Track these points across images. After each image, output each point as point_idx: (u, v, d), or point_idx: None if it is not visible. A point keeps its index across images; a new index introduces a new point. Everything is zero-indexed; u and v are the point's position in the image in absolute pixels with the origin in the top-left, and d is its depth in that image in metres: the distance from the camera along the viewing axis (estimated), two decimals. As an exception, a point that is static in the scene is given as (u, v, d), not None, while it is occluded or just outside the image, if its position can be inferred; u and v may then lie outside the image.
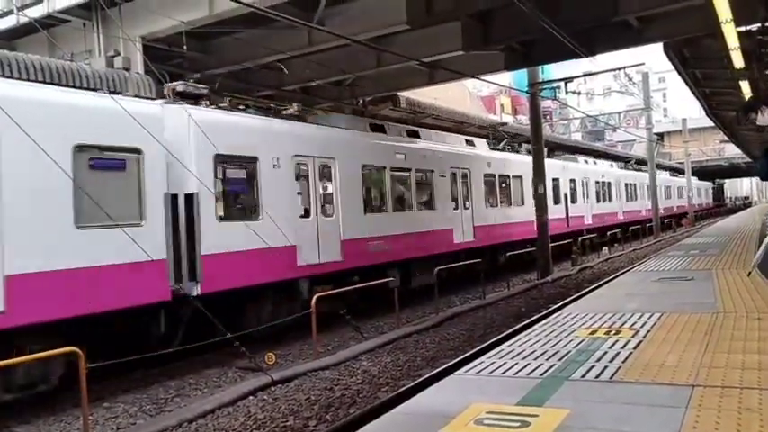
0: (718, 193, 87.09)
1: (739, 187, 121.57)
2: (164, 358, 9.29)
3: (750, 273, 9.86)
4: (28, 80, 8.49)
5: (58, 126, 8.15)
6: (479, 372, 5.09)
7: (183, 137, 9.92)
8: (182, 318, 9.69)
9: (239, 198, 11.37)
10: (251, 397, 8.30)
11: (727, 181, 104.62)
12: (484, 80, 19.95)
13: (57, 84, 8.73)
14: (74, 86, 8.90)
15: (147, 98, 9.72)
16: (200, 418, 7.50)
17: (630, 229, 32.20)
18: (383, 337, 11.53)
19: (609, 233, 29.85)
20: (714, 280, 9.63)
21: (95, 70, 9.45)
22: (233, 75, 16.69)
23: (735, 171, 75.57)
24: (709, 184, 68.32)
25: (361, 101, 21.12)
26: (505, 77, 42.38)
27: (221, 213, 10.53)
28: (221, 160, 10.47)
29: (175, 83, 10.88)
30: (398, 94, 21.70)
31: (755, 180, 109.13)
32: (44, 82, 8.60)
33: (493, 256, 18.88)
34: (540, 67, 21.55)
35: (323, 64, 16.21)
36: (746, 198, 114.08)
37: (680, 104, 78.53)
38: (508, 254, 18.10)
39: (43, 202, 7.94)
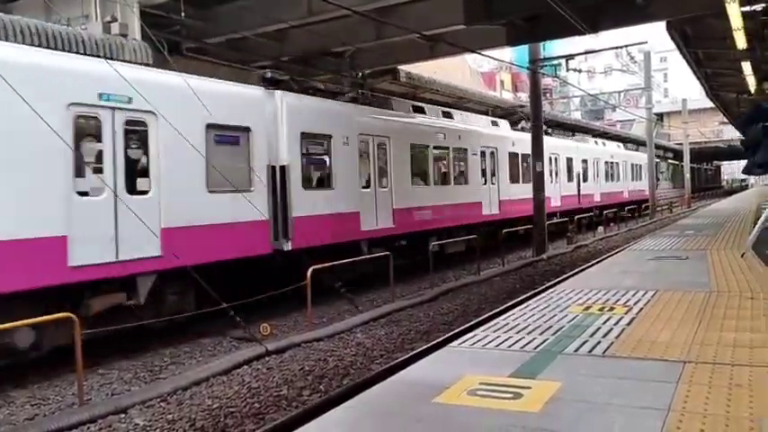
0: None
1: (737, 169, 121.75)
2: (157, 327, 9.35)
3: (744, 254, 9.91)
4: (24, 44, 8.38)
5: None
6: (473, 344, 5.13)
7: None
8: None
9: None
10: (245, 366, 8.35)
11: (725, 163, 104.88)
12: (485, 55, 19.77)
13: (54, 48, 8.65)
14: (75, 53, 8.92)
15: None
16: (195, 386, 7.55)
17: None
18: (378, 311, 11.58)
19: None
20: (708, 260, 9.68)
21: (92, 35, 9.33)
22: (231, 44, 16.48)
23: (733, 153, 75.50)
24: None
25: (360, 73, 20.89)
26: (506, 53, 42.00)
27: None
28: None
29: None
30: (399, 67, 21.48)
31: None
32: (40, 46, 8.50)
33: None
34: (541, 43, 21.35)
35: (323, 35, 16.01)
36: (743, 180, 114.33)
37: (681, 85, 78.12)
38: (505, 230, 18.14)
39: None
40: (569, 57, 22.40)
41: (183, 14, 12.37)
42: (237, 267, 10.56)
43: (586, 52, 25.49)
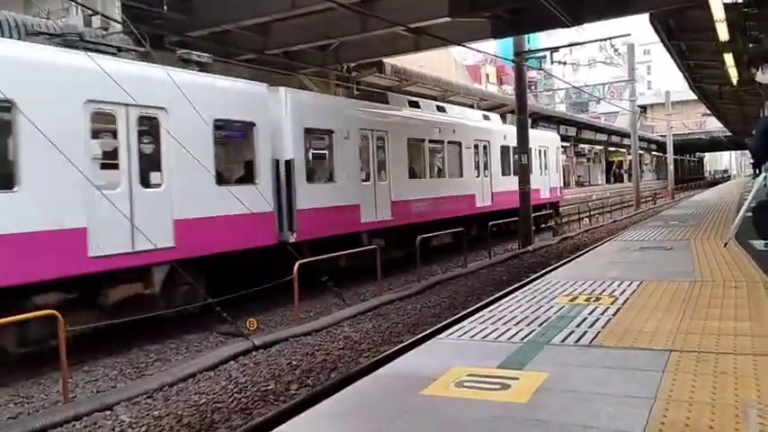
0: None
1: (719, 160, 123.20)
2: (145, 322, 9.27)
3: (727, 243, 10.00)
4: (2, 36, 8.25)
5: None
6: (460, 336, 5.12)
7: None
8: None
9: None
10: (232, 362, 8.30)
11: (707, 154, 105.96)
12: (470, 48, 19.74)
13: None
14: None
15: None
16: (181, 382, 7.50)
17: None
18: (365, 304, 11.56)
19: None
20: (692, 250, 9.76)
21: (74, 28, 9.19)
22: (214, 37, 16.35)
23: (715, 145, 76.34)
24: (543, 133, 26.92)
25: (345, 67, 20.84)
26: (491, 46, 42.02)
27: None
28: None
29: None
30: (384, 60, 21.44)
31: (735, 154, 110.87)
32: (20, 39, 8.36)
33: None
34: (526, 36, 21.36)
35: (307, 28, 15.93)
36: (726, 171, 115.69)
37: (664, 77, 78.70)
38: (491, 223, 18.17)
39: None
40: (554, 49, 22.47)
41: (165, 8, 12.25)
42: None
43: (570, 44, 25.57)
